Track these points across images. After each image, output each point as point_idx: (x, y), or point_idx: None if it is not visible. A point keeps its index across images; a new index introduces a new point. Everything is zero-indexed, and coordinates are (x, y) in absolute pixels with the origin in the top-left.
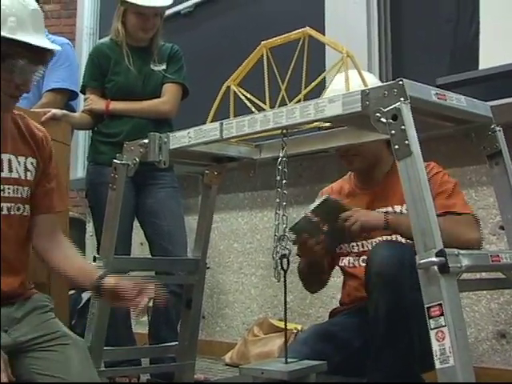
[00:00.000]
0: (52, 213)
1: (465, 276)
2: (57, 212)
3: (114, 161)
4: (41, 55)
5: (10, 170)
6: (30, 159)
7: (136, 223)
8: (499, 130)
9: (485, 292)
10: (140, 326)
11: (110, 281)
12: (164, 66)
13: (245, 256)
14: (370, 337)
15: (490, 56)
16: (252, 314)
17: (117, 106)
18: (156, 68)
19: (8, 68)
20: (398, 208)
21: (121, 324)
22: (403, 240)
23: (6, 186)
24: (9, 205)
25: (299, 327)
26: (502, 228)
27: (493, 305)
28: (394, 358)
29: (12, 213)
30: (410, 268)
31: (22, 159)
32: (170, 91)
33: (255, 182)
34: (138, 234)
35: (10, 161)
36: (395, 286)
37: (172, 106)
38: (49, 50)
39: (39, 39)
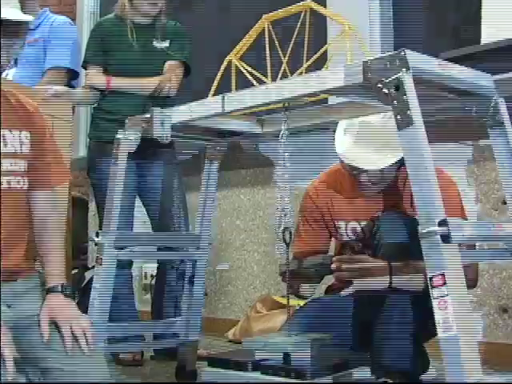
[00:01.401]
0: (48, 188)
1: None
2: (53, 187)
3: (116, 136)
4: (14, 28)
5: (6, 145)
6: (24, 133)
7: (138, 201)
8: (502, 102)
9: (487, 267)
10: (143, 304)
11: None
12: (167, 44)
13: (247, 233)
14: (370, 309)
15: (493, 30)
16: (255, 290)
17: (118, 82)
18: (159, 45)
19: None
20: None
21: (123, 301)
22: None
23: (3, 161)
24: (8, 178)
25: (301, 303)
26: (504, 203)
27: (495, 280)
28: (399, 328)
29: (12, 186)
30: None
31: (16, 133)
32: (171, 69)
33: (257, 158)
34: (141, 212)
35: (4, 135)
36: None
37: (173, 84)
38: (21, 22)
39: (9, 12)
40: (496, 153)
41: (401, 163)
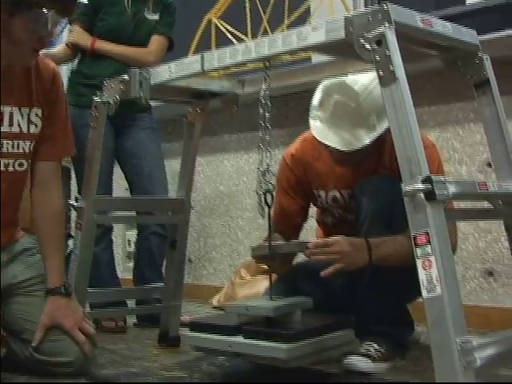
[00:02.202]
0: (54, 160)
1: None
2: (60, 160)
3: (95, 99)
4: (67, 5)
5: (11, 124)
6: (34, 110)
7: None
8: (486, 59)
9: (472, 230)
10: (127, 272)
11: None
12: (157, 17)
13: (231, 199)
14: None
15: None
16: (239, 256)
17: (103, 45)
18: (150, 16)
19: (33, 18)
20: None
21: (104, 267)
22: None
23: (5, 141)
24: (6, 161)
25: None
26: (489, 165)
27: (480, 243)
28: (382, 290)
29: (10, 169)
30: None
31: (25, 111)
32: (157, 43)
33: (240, 123)
34: (123, 179)
35: (11, 114)
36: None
37: (156, 57)
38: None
39: None
40: (481, 112)
41: (380, 137)
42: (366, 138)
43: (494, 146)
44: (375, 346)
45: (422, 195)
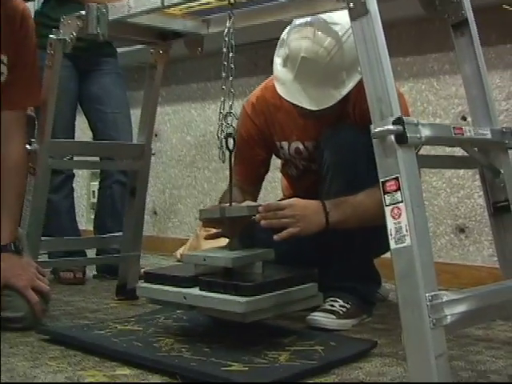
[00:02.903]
0: (15, 109)
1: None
2: (22, 108)
3: (50, 36)
4: None
5: None
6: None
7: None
8: None
9: (444, 185)
10: (90, 224)
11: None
12: None
13: (198, 149)
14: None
15: None
16: None
17: None
18: None
19: None
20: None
21: (64, 215)
22: None
23: None
24: None
25: None
26: (463, 118)
27: (452, 198)
28: (345, 244)
29: None
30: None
31: None
32: None
33: (208, 71)
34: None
35: None
36: (351, 169)
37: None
38: None
39: None
40: (459, 55)
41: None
42: (336, 96)
43: (471, 92)
44: (340, 301)
45: (392, 138)
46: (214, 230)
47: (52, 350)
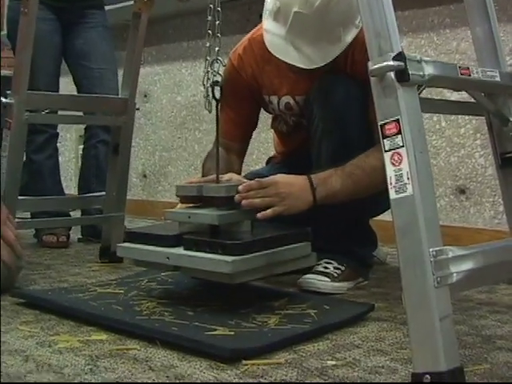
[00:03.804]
0: None
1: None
2: None
3: None
4: None
5: None
6: None
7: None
8: None
9: (444, 144)
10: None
11: None
12: None
13: (188, 110)
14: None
15: None
16: (196, 171)
17: None
18: None
19: None
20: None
21: (47, 176)
22: None
23: None
24: None
25: None
26: None
27: (452, 158)
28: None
29: None
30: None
31: None
32: None
33: (200, 29)
34: None
35: None
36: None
37: None
38: None
39: None
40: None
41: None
42: (331, 53)
43: (476, 31)
44: (334, 263)
45: (392, 75)
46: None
47: (26, 315)
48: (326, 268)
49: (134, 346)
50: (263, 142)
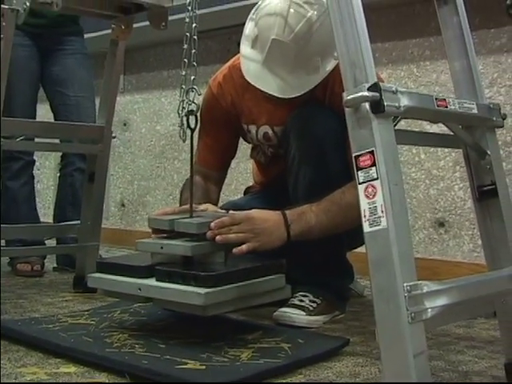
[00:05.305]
0: None
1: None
2: None
3: (2, 6)
4: None
5: None
6: None
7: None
8: None
9: (423, 177)
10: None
11: None
12: None
13: (167, 139)
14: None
15: None
16: (174, 201)
17: None
18: None
19: None
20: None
21: (22, 203)
22: None
23: None
24: None
25: None
26: None
27: (431, 191)
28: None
29: None
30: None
31: None
32: None
33: (180, 57)
34: None
35: None
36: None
37: None
38: None
39: None
40: (443, 26)
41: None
42: (309, 83)
43: (454, 65)
44: (310, 296)
45: (367, 106)
46: None
47: None
48: (301, 301)
49: (102, 380)
50: (242, 173)
